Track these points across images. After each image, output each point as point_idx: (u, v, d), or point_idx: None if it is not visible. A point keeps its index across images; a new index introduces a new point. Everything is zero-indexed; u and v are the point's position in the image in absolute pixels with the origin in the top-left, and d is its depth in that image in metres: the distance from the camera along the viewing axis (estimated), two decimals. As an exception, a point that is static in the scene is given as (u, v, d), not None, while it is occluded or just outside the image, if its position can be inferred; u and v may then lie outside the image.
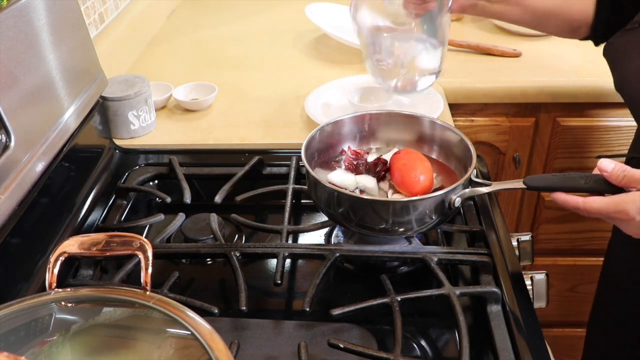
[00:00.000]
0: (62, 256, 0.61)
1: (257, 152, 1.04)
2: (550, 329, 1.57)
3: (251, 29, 1.62)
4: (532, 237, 0.88)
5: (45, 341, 0.54)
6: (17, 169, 0.74)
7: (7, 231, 0.72)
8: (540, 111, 1.33)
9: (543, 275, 0.81)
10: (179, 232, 0.89)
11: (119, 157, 1.05)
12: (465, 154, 0.83)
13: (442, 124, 0.89)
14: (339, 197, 0.77)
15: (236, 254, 0.80)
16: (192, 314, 0.56)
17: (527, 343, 0.69)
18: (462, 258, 0.79)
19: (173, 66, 1.42)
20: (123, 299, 0.58)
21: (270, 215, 0.98)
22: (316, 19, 1.44)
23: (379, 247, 0.80)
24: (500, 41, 1.45)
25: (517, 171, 1.38)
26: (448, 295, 0.72)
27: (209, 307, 0.71)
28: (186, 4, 1.81)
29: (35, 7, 0.82)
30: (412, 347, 0.72)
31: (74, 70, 0.91)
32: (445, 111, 1.17)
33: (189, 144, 1.11)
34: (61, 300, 0.58)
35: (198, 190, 1.00)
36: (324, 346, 0.68)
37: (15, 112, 0.75)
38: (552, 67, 1.32)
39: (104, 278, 0.84)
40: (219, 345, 0.52)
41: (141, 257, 0.60)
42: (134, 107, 1.09)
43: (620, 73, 0.88)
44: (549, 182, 0.76)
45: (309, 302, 0.72)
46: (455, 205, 0.77)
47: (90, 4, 1.26)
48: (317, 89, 1.22)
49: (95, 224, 0.91)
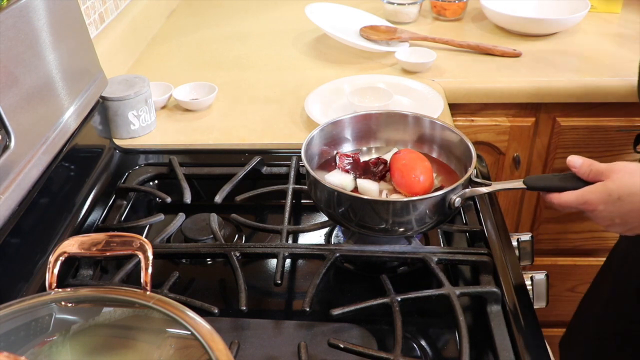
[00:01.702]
0: (62, 256, 0.61)
1: (257, 152, 1.04)
2: (550, 329, 1.57)
3: (251, 29, 1.62)
4: (532, 237, 0.88)
5: (45, 341, 0.54)
6: (17, 169, 0.74)
7: (7, 231, 0.72)
8: (540, 111, 1.33)
9: (543, 275, 0.81)
10: (179, 232, 0.89)
11: (119, 157, 1.05)
12: (465, 154, 0.83)
13: (442, 124, 0.89)
14: (339, 197, 0.77)
15: (236, 254, 0.80)
16: (192, 314, 0.56)
17: (527, 343, 0.69)
18: (462, 258, 0.79)
19: (173, 66, 1.42)
20: (123, 299, 0.58)
21: (270, 215, 0.98)
22: (316, 19, 1.44)
23: (379, 247, 0.80)
24: (500, 41, 1.45)
25: (517, 171, 1.38)
26: (448, 295, 0.72)
27: (209, 307, 0.71)
28: (186, 4, 1.81)
29: (35, 7, 0.82)
30: (412, 347, 0.72)
31: (74, 70, 0.91)
32: (445, 111, 1.17)
33: (189, 144, 1.11)
34: (61, 300, 0.58)
35: (198, 190, 1.00)
36: (324, 346, 0.68)
37: (15, 112, 0.75)
38: (552, 67, 1.33)
39: (104, 278, 0.84)
40: (219, 345, 0.52)
41: (141, 257, 0.60)
42: (134, 107, 1.09)
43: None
44: (549, 182, 0.76)
45: (309, 302, 0.72)
46: (455, 205, 0.77)
47: (90, 4, 1.26)
48: (317, 89, 1.22)
49: (95, 224, 0.91)
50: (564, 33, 1.48)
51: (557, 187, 0.75)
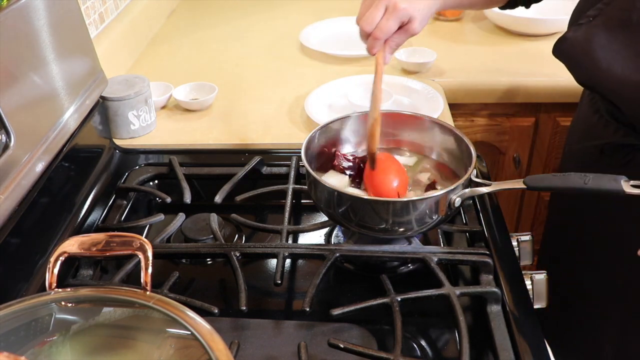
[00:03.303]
0: (62, 256, 0.61)
1: (257, 152, 1.04)
2: (550, 329, 1.56)
3: (251, 29, 1.62)
4: (532, 237, 0.88)
5: (45, 341, 0.54)
6: (17, 169, 0.74)
7: (7, 231, 0.72)
8: (540, 111, 1.33)
9: (543, 276, 0.81)
10: (179, 232, 0.89)
11: (119, 157, 1.05)
12: (465, 154, 0.83)
13: (442, 124, 0.89)
14: (339, 197, 0.77)
15: (236, 254, 0.80)
16: (192, 314, 0.56)
17: (527, 343, 0.69)
18: (462, 258, 0.79)
19: (173, 66, 1.42)
20: (123, 299, 0.58)
21: (270, 215, 0.98)
22: (313, 44, 1.45)
23: (379, 247, 0.80)
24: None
25: (517, 171, 1.38)
26: (448, 295, 0.72)
27: (209, 307, 0.71)
28: (186, 4, 1.81)
29: (35, 7, 0.82)
30: (412, 347, 0.72)
31: (74, 70, 0.91)
32: (445, 111, 1.17)
33: (189, 144, 1.11)
34: (61, 300, 0.58)
35: (198, 190, 1.00)
36: (324, 346, 0.68)
37: (15, 112, 0.75)
38: (552, 67, 1.32)
39: (104, 278, 0.84)
40: (219, 345, 0.52)
41: (141, 257, 0.60)
42: (134, 107, 1.09)
43: (589, 69, 0.88)
44: (549, 182, 0.76)
45: (309, 302, 0.72)
46: (455, 205, 0.77)
47: (90, 4, 1.26)
48: (317, 89, 1.22)
49: (95, 224, 0.91)
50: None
51: (557, 187, 0.75)
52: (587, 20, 0.84)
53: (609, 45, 0.82)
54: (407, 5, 0.83)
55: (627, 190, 0.71)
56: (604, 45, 0.83)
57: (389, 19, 0.82)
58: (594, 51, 0.84)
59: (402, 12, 0.83)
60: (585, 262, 1.01)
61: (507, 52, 1.42)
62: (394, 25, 0.83)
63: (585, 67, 0.87)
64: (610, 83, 0.84)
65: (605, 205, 0.90)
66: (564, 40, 0.88)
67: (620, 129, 0.89)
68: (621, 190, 0.71)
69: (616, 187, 0.71)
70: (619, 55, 0.82)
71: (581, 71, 0.89)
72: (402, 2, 0.82)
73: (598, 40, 0.83)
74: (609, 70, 0.83)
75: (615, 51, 0.82)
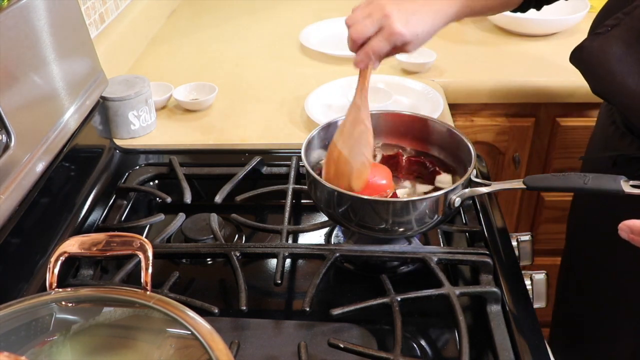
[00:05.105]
0: (63, 256, 0.61)
1: (257, 152, 1.04)
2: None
3: (251, 29, 1.62)
4: (532, 237, 0.88)
5: (45, 341, 0.54)
6: (17, 169, 0.74)
7: (7, 231, 0.73)
8: (540, 111, 1.33)
9: (543, 275, 0.81)
10: (179, 232, 0.89)
11: (119, 157, 1.05)
12: (465, 154, 0.83)
13: (442, 124, 0.89)
14: (339, 197, 0.77)
15: (236, 254, 0.80)
16: (192, 314, 0.56)
17: (527, 343, 0.69)
18: (462, 258, 0.79)
19: (173, 66, 1.42)
20: (123, 299, 0.58)
21: (270, 215, 0.98)
22: (313, 44, 1.45)
23: (379, 247, 0.80)
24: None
25: (517, 171, 1.38)
26: (448, 295, 0.72)
27: (209, 307, 0.71)
28: (186, 4, 1.81)
29: (35, 7, 0.82)
30: (412, 347, 0.72)
31: (74, 70, 0.92)
32: (445, 111, 1.17)
33: (189, 144, 1.11)
34: (61, 300, 0.58)
35: (198, 190, 1.00)
36: (324, 346, 0.68)
37: (15, 112, 0.75)
38: (552, 67, 1.33)
39: (104, 278, 0.84)
40: (219, 345, 0.52)
41: (141, 257, 0.60)
42: (134, 107, 1.09)
43: (603, 80, 0.87)
44: (549, 182, 0.76)
45: (309, 302, 0.72)
46: (455, 205, 0.77)
47: (91, 4, 1.26)
48: (317, 89, 1.22)
49: (96, 224, 0.91)
50: (564, 33, 1.48)
51: (557, 187, 0.75)
52: (605, 30, 0.83)
53: (624, 58, 0.81)
54: (404, 30, 0.77)
55: (626, 190, 0.71)
56: (620, 58, 0.81)
57: (382, 41, 0.77)
58: (609, 62, 0.82)
59: (397, 38, 0.77)
60: (609, 266, 0.99)
61: (507, 52, 1.42)
62: (387, 47, 0.78)
63: (600, 77, 0.85)
64: (624, 96, 0.82)
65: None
66: (580, 48, 0.86)
67: (635, 142, 0.88)
68: (620, 190, 0.71)
69: (615, 187, 0.72)
70: (634, 69, 0.80)
71: (596, 81, 0.87)
72: (399, 23, 0.76)
73: (614, 52, 0.81)
74: (623, 83, 0.81)
75: (631, 64, 0.80)
